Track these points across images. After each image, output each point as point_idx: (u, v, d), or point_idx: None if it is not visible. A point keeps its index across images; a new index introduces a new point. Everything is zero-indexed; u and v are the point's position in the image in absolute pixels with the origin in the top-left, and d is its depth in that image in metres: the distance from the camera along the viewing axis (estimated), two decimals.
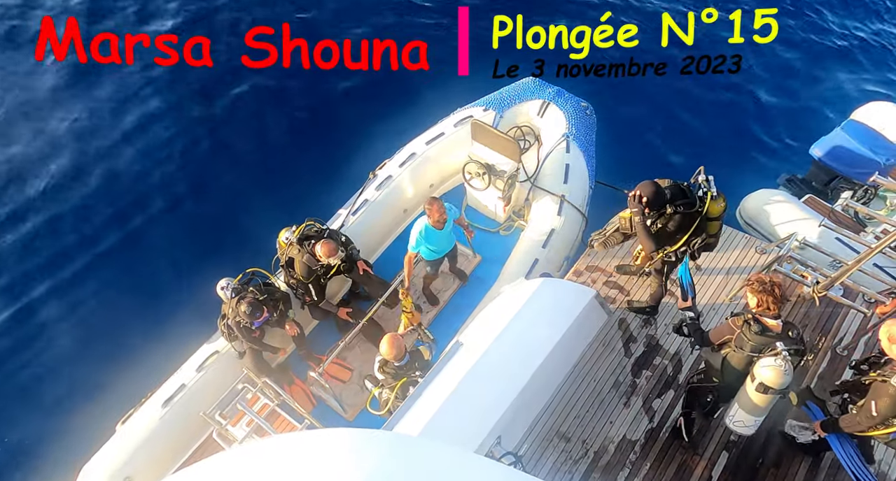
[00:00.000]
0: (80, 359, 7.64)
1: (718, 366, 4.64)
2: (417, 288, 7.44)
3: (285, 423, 6.14)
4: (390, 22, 11.34)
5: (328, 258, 6.20)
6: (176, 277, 8.29)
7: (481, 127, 7.27)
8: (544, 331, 5.29)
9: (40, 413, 7.33)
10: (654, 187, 5.13)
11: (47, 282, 8.35)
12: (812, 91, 11.15)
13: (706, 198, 5.19)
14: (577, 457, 5.45)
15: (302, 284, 6.52)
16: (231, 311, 6.19)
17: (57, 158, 9.48)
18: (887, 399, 4.06)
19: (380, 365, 5.51)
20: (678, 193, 5.21)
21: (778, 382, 4.18)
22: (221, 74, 10.26)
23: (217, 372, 6.54)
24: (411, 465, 2.51)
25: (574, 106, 7.83)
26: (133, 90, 10.25)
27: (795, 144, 10.02)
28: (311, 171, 9.17)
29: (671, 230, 5.22)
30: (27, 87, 10.30)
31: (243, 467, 2.64)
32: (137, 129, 9.88)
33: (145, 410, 6.30)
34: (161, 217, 9.00)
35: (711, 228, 5.38)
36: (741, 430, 4.69)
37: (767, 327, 4.30)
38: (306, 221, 6.64)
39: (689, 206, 5.17)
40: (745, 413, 4.53)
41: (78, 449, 6.36)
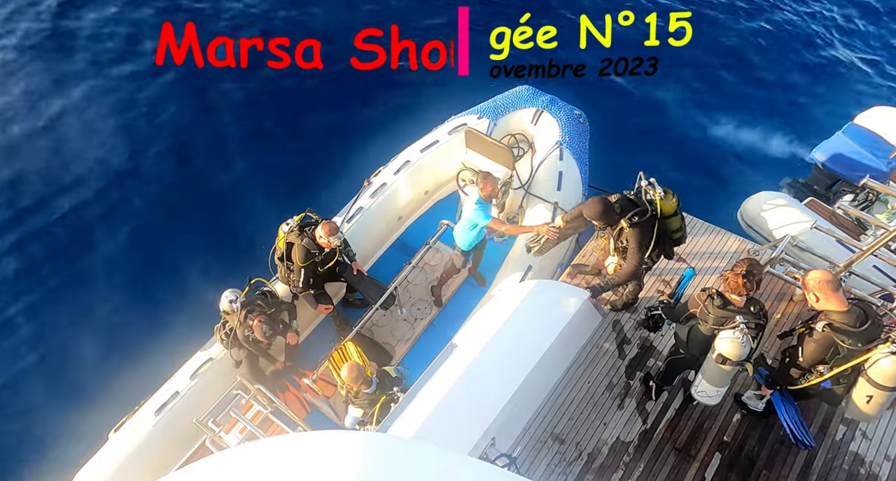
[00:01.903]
0: (72, 367, 7.63)
1: (685, 337, 4.82)
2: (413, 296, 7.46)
3: (279, 430, 6.11)
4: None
5: (329, 237, 6.18)
6: (171, 284, 8.28)
7: (475, 135, 7.32)
8: (538, 333, 5.32)
9: (32, 420, 7.31)
10: (602, 204, 5.20)
11: (39, 288, 8.36)
12: (815, 95, 11.30)
13: (655, 200, 5.26)
14: (570, 459, 5.44)
15: (298, 272, 6.44)
16: (240, 326, 6.19)
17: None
18: (812, 344, 4.33)
19: (351, 398, 5.59)
20: (628, 205, 5.27)
21: (735, 354, 4.36)
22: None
23: (211, 380, 6.51)
24: (403, 468, 2.53)
25: (567, 114, 7.87)
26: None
27: (797, 148, 10.16)
28: (306, 179, 9.23)
29: (638, 241, 5.24)
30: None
31: (237, 469, 2.65)
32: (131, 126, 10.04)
33: (138, 418, 6.27)
34: (159, 221, 9.04)
35: (672, 225, 5.44)
36: (705, 400, 4.86)
37: (729, 301, 4.46)
38: (306, 211, 6.60)
39: (642, 214, 5.21)
40: (708, 383, 4.72)
41: (70, 456, 6.35)
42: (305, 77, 10.32)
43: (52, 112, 10.18)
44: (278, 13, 11.81)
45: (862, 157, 8.11)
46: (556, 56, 7.94)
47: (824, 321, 4.24)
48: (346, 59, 8.96)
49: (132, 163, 9.73)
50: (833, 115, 10.47)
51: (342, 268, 6.65)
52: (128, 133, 10.03)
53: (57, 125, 10.04)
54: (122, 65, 10.93)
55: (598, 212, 5.20)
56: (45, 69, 10.73)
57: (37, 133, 9.95)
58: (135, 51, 11.11)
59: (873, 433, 5.57)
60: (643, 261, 5.32)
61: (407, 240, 8.05)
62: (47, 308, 8.20)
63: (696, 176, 9.69)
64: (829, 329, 4.20)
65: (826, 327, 4.21)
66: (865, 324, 4.15)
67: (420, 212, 8.23)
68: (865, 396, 4.33)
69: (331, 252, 6.42)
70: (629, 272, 5.32)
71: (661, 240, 5.43)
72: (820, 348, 4.32)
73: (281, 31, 11.05)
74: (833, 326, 4.19)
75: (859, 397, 4.37)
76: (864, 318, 4.17)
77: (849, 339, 4.15)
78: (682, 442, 5.55)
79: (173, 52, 7.46)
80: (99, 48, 11.12)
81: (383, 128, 9.51)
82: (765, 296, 6.44)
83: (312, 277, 6.49)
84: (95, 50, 11.08)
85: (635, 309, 6.42)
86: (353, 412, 5.68)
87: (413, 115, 9.46)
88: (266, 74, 10.52)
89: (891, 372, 4.12)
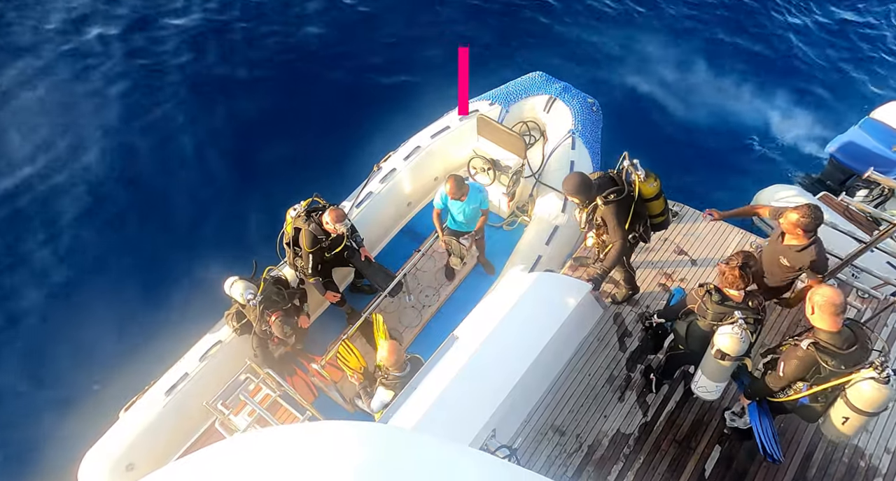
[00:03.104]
0: (83, 346, 7.75)
1: (684, 334, 4.81)
2: (421, 282, 7.53)
3: (287, 414, 6.19)
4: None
5: (335, 223, 6.19)
6: (179, 266, 8.37)
7: (487, 122, 7.27)
8: (540, 325, 5.36)
9: (44, 398, 7.46)
10: (577, 179, 5.20)
11: (55, 269, 8.50)
12: (832, 88, 11.15)
13: (634, 181, 5.25)
14: (571, 451, 5.48)
15: (306, 256, 6.46)
16: (257, 322, 6.23)
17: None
18: (795, 360, 4.25)
19: (381, 376, 5.46)
20: (607, 183, 5.28)
21: (734, 349, 4.34)
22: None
23: (220, 363, 6.60)
24: (405, 459, 2.53)
25: (581, 102, 7.82)
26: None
27: (811, 142, 10.08)
28: (315, 163, 9.25)
29: (616, 219, 5.24)
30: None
31: (238, 459, 2.67)
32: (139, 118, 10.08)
33: (149, 398, 6.37)
34: (167, 206, 9.12)
35: (653, 209, 5.44)
36: (705, 396, 4.83)
37: (728, 297, 4.46)
38: (313, 196, 6.59)
39: (619, 193, 5.21)
40: (707, 379, 4.70)
41: (81, 435, 6.47)
42: (317, 62, 10.34)
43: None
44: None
45: (878, 152, 7.99)
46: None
47: (811, 339, 4.17)
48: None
49: (144, 140, 9.84)
50: (854, 108, 10.37)
51: (350, 253, 6.67)
52: (137, 113, 10.15)
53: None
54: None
55: (573, 187, 5.21)
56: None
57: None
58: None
59: (873, 426, 5.57)
60: (626, 237, 5.33)
61: (416, 226, 8.05)
62: (59, 288, 8.34)
63: (707, 166, 9.64)
64: (813, 348, 4.14)
65: (811, 346, 4.14)
66: (853, 347, 4.09)
67: (429, 198, 8.20)
68: (842, 417, 4.24)
69: (338, 237, 6.41)
70: (618, 250, 5.31)
71: (637, 223, 5.41)
72: (802, 365, 4.23)
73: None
74: (818, 346, 4.12)
75: (836, 417, 4.29)
76: (852, 340, 4.10)
77: (832, 360, 4.08)
78: (682, 434, 5.58)
79: None
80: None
81: (391, 113, 9.49)
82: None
83: (321, 263, 6.51)
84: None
85: (636, 301, 6.43)
86: (381, 395, 5.46)
87: (422, 99, 9.47)
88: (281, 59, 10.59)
89: (869, 398, 4.02)
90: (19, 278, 8.38)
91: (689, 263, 6.72)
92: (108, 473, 6.03)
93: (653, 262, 6.74)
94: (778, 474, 5.36)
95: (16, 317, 8.11)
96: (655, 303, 6.41)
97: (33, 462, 7.00)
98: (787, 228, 4.79)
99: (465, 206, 6.55)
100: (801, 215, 4.63)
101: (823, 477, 5.34)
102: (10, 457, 7.14)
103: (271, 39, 11.21)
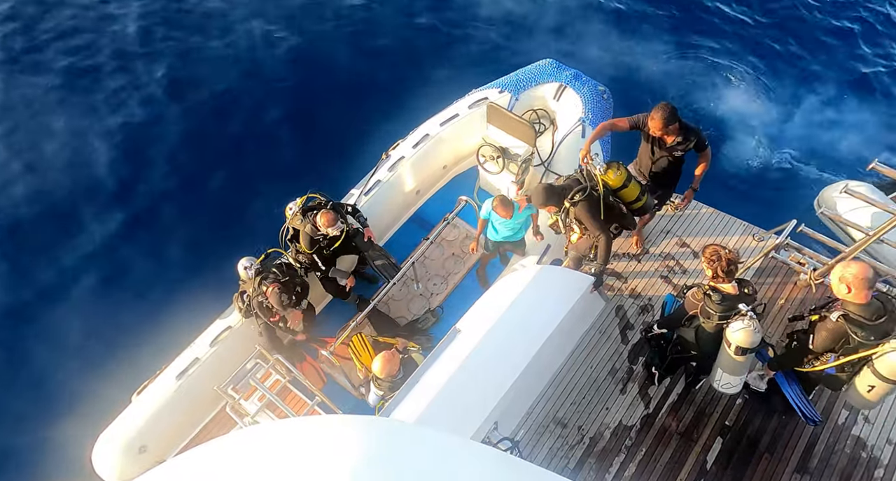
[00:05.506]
0: (97, 330, 7.89)
1: (693, 339, 4.83)
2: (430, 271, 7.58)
3: (296, 400, 6.24)
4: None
5: (327, 228, 6.24)
6: (191, 252, 8.48)
7: (497, 110, 7.21)
8: (542, 317, 5.37)
9: (58, 381, 7.60)
10: (541, 189, 5.31)
11: (68, 255, 8.64)
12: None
13: (596, 176, 5.28)
14: (573, 443, 5.54)
15: (307, 256, 6.55)
16: (253, 291, 6.30)
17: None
18: (825, 332, 4.35)
19: (374, 382, 5.59)
20: (573, 184, 5.33)
21: (751, 341, 4.41)
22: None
23: (230, 348, 6.67)
24: (407, 452, 2.55)
25: (591, 90, 7.71)
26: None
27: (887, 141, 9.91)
28: (323, 151, 9.27)
29: (591, 216, 5.26)
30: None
31: (243, 452, 2.72)
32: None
33: (160, 382, 6.47)
34: (177, 192, 9.22)
35: (627, 196, 5.43)
36: (729, 391, 4.88)
37: (725, 293, 4.48)
38: (308, 193, 6.64)
39: (582, 192, 5.24)
40: (730, 375, 4.75)
41: (94, 417, 6.59)
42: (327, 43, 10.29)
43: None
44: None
45: None
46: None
47: (840, 311, 4.23)
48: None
49: (157, 130, 9.94)
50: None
51: (353, 233, 6.69)
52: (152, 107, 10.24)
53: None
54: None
55: (542, 200, 5.34)
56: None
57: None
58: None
59: (875, 417, 5.61)
60: (608, 229, 5.35)
61: (424, 214, 8.07)
62: (73, 274, 8.48)
63: (770, 166, 9.63)
64: (843, 320, 4.21)
65: (841, 317, 4.22)
66: (882, 317, 4.14)
67: (438, 186, 8.22)
68: (868, 386, 4.35)
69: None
70: (605, 243, 5.32)
71: (611, 214, 5.39)
72: (832, 337, 4.32)
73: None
74: (848, 317, 4.19)
75: (862, 385, 4.40)
76: (881, 312, 4.15)
77: (862, 332, 4.15)
78: (684, 426, 5.62)
79: None
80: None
81: (401, 99, 9.48)
82: (768, 281, 6.43)
83: (322, 259, 6.59)
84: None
85: (638, 294, 6.44)
86: (375, 391, 5.71)
87: (432, 87, 9.42)
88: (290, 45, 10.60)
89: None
90: (35, 263, 8.55)
91: (690, 255, 6.72)
92: (122, 454, 6.16)
93: (654, 255, 6.75)
94: (780, 464, 5.41)
95: (29, 301, 8.28)
96: (657, 297, 6.42)
97: (47, 443, 7.17)
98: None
99: (512, 222, 6.51)
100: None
101: (825, 467, 5.38)
102: (22, 437, 7.31)
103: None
